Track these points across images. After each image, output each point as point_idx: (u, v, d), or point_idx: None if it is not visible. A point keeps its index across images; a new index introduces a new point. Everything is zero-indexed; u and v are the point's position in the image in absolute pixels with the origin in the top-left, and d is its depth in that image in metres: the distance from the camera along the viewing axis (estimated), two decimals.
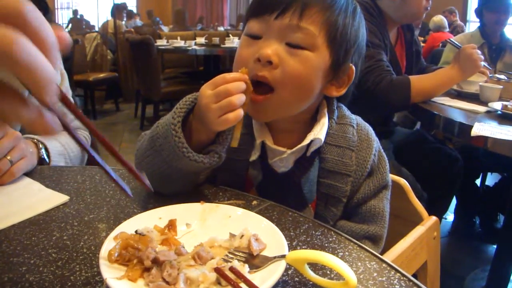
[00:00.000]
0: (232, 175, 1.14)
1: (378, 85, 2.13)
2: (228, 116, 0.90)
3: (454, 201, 3.26)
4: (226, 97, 0.90)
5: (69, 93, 1.61)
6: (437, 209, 2.40)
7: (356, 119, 1.18)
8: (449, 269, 2.69)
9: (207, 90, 0.92)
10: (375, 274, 0.75)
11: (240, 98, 0.90)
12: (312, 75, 1.01)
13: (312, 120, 1.13)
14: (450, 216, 3.52)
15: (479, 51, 2.31)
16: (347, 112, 1.18)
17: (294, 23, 0.97)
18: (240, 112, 0.91)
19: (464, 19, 10.40)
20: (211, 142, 1.00)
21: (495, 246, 2.79)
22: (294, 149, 1.08)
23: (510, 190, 2.38)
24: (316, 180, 1.11)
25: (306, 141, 1.07)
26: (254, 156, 1.11)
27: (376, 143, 1.16)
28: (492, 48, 3.34)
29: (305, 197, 1.12)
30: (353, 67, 1.09)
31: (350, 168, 1.09)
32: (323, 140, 1.08)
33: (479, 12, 3.44)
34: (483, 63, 2.34)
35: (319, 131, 1.08)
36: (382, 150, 1.18)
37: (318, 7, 0.98)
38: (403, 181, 1.27)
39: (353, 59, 1.08)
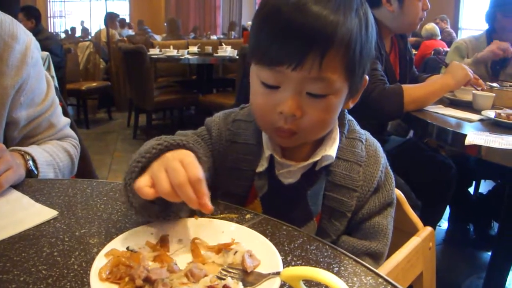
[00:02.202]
0: (237, 185, 1.14)
1: (371, 93, 2.13)
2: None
3: (448, 209, 3.26)
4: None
5: (55, 102, 1.59)
6: (431, 217, 2.40)
7: (365, 134, 1.17)
8: (444, 277, 2.69)
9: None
10: None
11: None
12: (335, 112, 1.01)
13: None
14: (444, 224, 3.52)
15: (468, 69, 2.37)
16: (357, 126, 1.17)
17: (314, 75, 0.91)
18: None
19: (455, 26, 10.45)
20: None
21: (489, 253, 2.79)
22: (304, 164, 1.08)
23: (504, 197, 2.37)
24: (322, 193, 1.10)
25: (316, 157, 1.07)
26: (261, 168, 1.11)
27: (383, 159, 1.14)
28: (495, 59, 3.20)
29: (310, 210, 1.11)
30: (367, 77, 1.07)
31: (357, 183, 1.08)
32: (334, 156, 1.07)
33: (490, 16, 3.28)
34: None
35: (331, 148, 1.08)
36: (389, 167, 1.16)
37: (336, 50, 0.91)
38: (398, 192, 1.26)
39: (366, 69, 1.05)
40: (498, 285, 2.46)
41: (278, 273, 0.71)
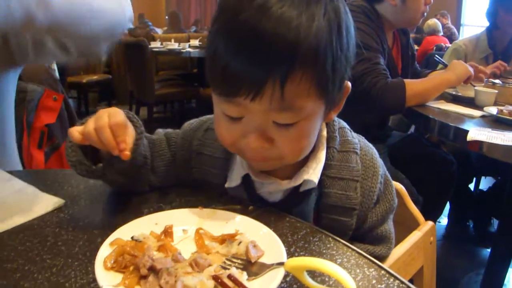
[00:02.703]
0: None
1: (374, 86, 2.13)
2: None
3: (447, 205, 3.26)
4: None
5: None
6: (431, 213, 2.40)
7: (359, 142, 1.06)
8: (443, 273, 2.68)
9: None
10: (374, 281, 0.75)
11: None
12: (312, 136, 0.92)
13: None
14: (444, 220, 3.52)
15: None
16: (349, 136, 1.06)
17: (277, 105, 0.80)
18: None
19: (458, 22, 10.43)
20: None
21: (489, 250, 2.80)
22: (283, 187, 1.01)
23: (504, 194, 2.38)
24: (318, 214, 1.02)
25: (297, 182, 0.99)
26: (230, 184, 1.04)
27: (381, 168, 1.06)
28: (498, 58, 3.21)
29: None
30: (349, 83, 0.95)
31: (355, 200, 0.99)
32: (316, 181, 0.98)
33: (492, 13, 3.25)
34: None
35: (314, 170, 0.99)
36: (387, 174, 1.09)
37: (302, 71, 0.78)
38: (399, 186, 1.27)
39: (347, 75, 0.91)
40: (496, 282, 2.47)
41: (282, 264, 0.71)
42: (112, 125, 0.87)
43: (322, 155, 1.00)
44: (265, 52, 0.76)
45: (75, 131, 0.90)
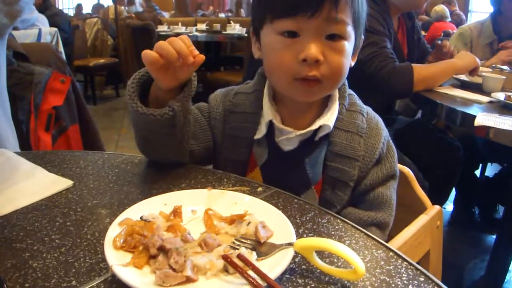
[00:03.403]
0: (237, 153, 1.18)
1: (382, 70, 2.13)
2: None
3: (453, 191, 3.26)
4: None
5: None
6: (437, 198, 2.40)
7: (367, 108, 1.19)
8: (449, 258, 2.69)
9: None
10: (382, 263, 0.75)
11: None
12: (348, 61, 1.06)
13: (322, 105, 1.14)
14: (449, 206, 3.52)
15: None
16: (358, 100, 1.19)
17: (332, 17, 0.97)
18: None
19: (466, 9, 10.35)
20: None
21: (494, 236, 2.80)
22: (302, 131, 1.11)
23: (510, 180, 2.37)
24: (323, 163, 1.12)
25: (314, 126, 1.10)
26: (259, 135, 1.14)
27: (385, 132, 1.17)
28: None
29: (308, 178, 1.13)
30: (362, 37, 1.14)
31: (358, 152, 1.10)
32: (332, 126, 1.09)
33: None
34: None
35: (329, 118, 1.10)
36: (391, 141, 1.19)
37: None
38: (406, 170, 1.27)
39: (363, 29, 1.12)
40: (501, 268, 2.47)
41: (291, 244, 0.71)
42: (183, 38, 0.99)
43: (336, 107, 1.13)
44: None
45: (149, 51, 0.98)
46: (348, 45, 1.03)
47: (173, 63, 0.97)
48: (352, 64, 1.12)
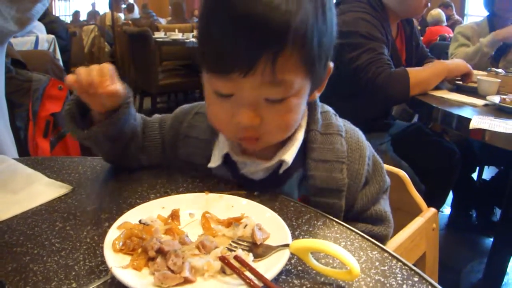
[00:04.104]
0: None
1: (378, 76, 2.14)
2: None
3: (450, 195, 3.26)
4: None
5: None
6: (435, 202, 2.41)
7: (344, 125, 1.08)
8: (446, 261, 2.69)
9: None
10: (377, 263, 0.76)
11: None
12: (299, 112, 0.94)
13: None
14: (446, 209, 3.53)
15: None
16: (333, 118, 1.08)
17: (268, 80, 0.83)
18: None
19: (462, 13, 10.38)
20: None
21: (491, 239, 2.80)
22: (267, 165, 1.03)
23: (507, 183, 2.38)
24: (299, 195, 1.06)
25: (272, 161, 1.02)
26: (213, 164, 1.06)
27: (368, 150, 1.07)
28: (499, 43, 3.18)
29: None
30: (331, 64, 0.99)
31: (342, 182, 1.00)
32: (289, 162, 1.00)
33: (488, 2, 3.31)
34: None
35: (289, 151, 1.01)
36: (375, 155, 1.11)
37: (291, 48, 0.82)
38: (402, 173, 1.28)
39: (330, 57, 0.96)
40: (499, 271, 2.48)
41: (287, 246, 0.72)
42: (102, 67, 0.96)
43: (299, 136, 1.03)
44: (258, 33, 0.80)
45: (69, 76, 0.94)
46: (298, 99, 0.90)
47: (87, 90, 0.94)
48: (318, 95, 1.03)
